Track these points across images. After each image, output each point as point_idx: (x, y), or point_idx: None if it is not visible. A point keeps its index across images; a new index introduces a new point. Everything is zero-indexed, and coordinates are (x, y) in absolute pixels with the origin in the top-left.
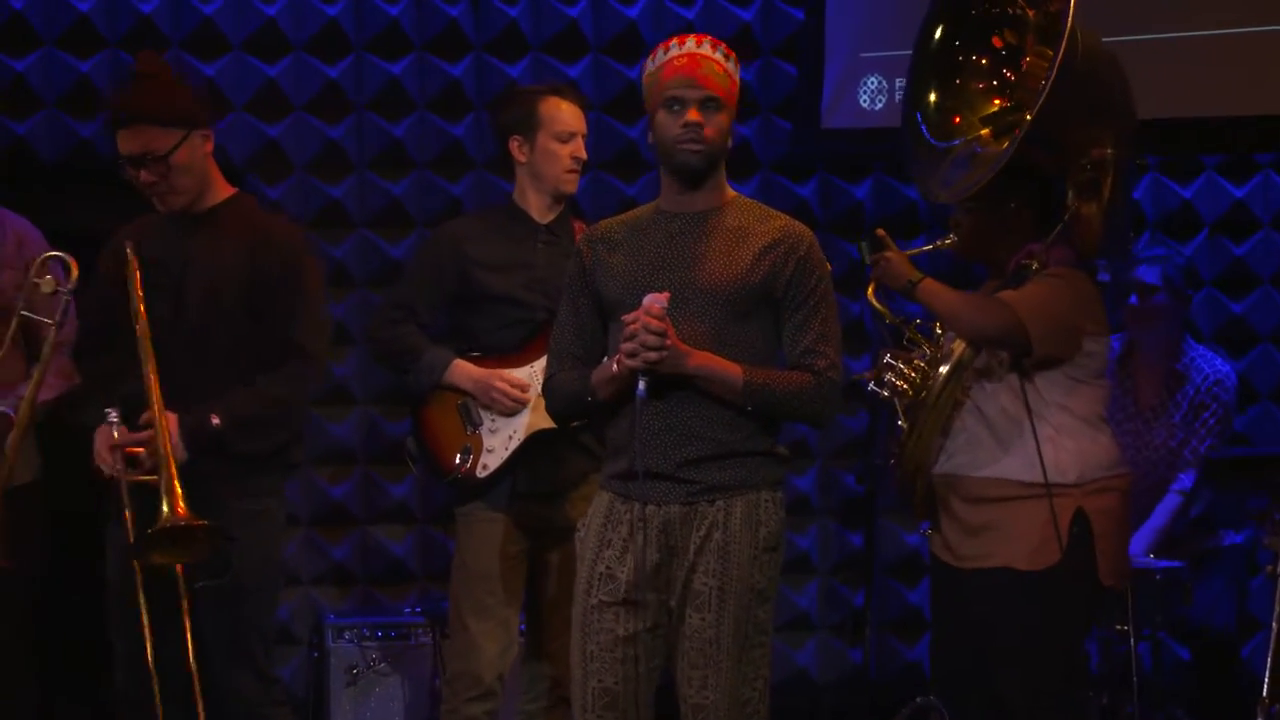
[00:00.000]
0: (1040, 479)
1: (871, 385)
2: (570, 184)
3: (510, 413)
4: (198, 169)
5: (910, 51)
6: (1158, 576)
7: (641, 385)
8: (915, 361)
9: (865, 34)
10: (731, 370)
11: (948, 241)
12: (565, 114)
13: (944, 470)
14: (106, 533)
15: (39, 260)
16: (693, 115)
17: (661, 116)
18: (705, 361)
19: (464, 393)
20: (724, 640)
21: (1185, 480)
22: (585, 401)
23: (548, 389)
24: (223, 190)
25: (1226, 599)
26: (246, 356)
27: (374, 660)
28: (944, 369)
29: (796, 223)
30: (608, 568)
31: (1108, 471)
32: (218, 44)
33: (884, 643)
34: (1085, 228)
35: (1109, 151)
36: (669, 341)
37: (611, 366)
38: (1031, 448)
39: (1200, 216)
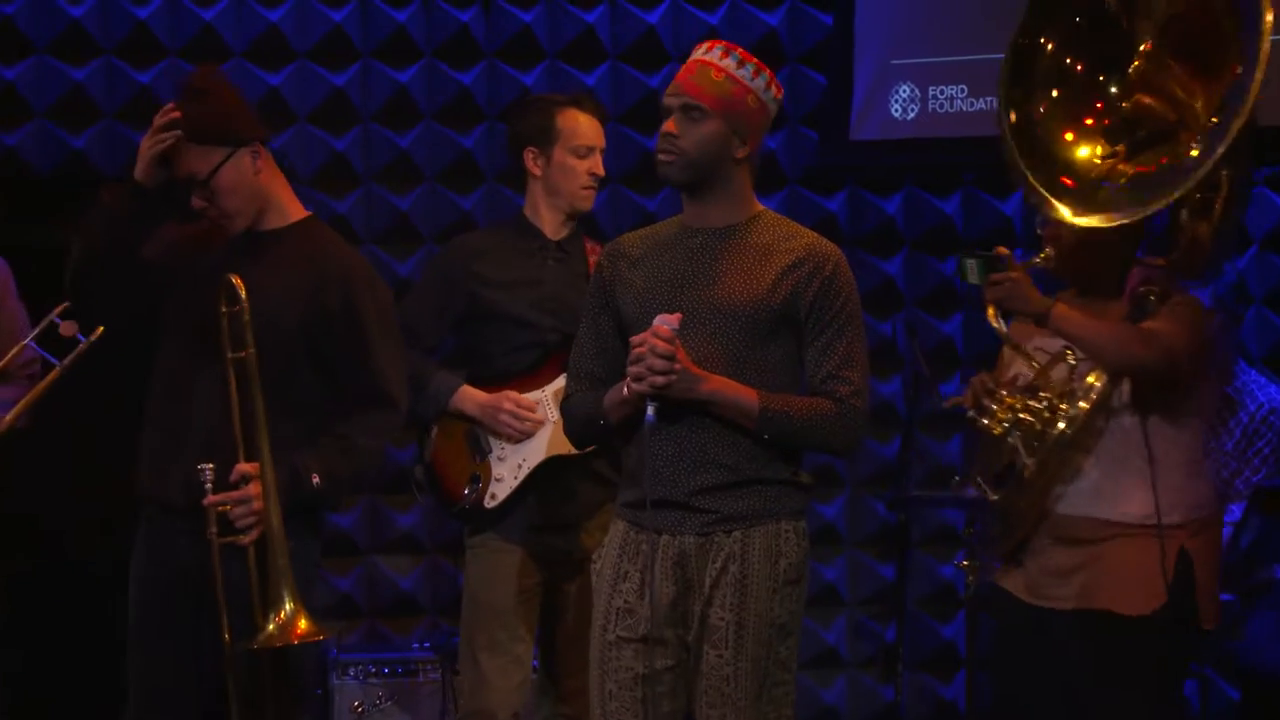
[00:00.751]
0: (1150, 518)
1: (970, 413)
2: (586, 201)
3: (519, 439)
4: (246, 190)
5: (938, 58)
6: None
7: (650, 410)
8: (1042, 393)
9: (897, 40)
10: (747, 396)
11: (1042, 258)
12: (584, 127)
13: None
14: (131, 563)
15: (62, 306)
16: (668, 125)
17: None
18: (719, 387)
19: (472, 419)
20: (742, 678)
21: (1235, 511)
22: (598, 425)
23: (565, 412)
24: (293, 212)
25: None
26: (307, 401)
27: (380, 698)
28: (1082, 403)
29: (823, 240)
30: (625, 602)
31: (1208, 510)
32: (218, 51)
33: (916, 680)
34: (1196, 250)
35: (1224, 169)
36: (678, 365)
37: (623, 389)
38: (1144, 486)
39: (1248, 231)
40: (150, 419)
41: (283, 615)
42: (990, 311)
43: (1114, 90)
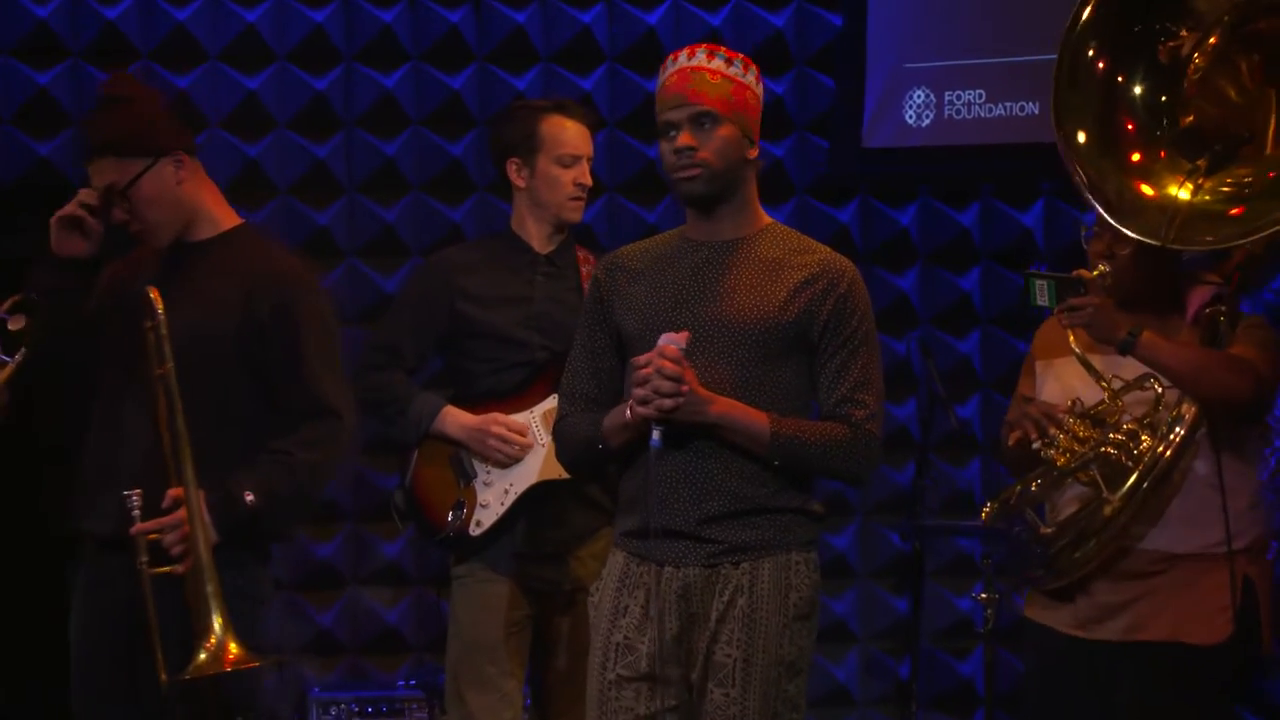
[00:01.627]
0: (1215, 546)
1: (1036, 444)
2: (574, 212)
3: (507, 463)
4: (168, 201)
5: (954, 61)
6: None
7: (655, 435)
8: (1126, 425)
9: (911, 42)
10: (757, 420)
11: (1097, 275)
12: (570, 134)
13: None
14: (73, 595)
15: (11, 301)
16: (683, 139)
17: (661, 145)
18: (729, 410)
19: (456, 443)
20: (750, 718)
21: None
22: (597, 450)
23: (558, 435)
24: (224, 220)
25: None
26: (246, 417)
27: None
28: (1175, 434)
29: (838, 256)
30: (625, 638)
31: (1265, 536)
32: (192, 54)
33: (931, 719)
34: (1253, 264)
35: None
36: (686, 387)
37: (624, 413)
38: (1212, 515)
39: None
40: (86, 451)
41: (212, 642)
42: (1071, 338)
43: (1172, 97)
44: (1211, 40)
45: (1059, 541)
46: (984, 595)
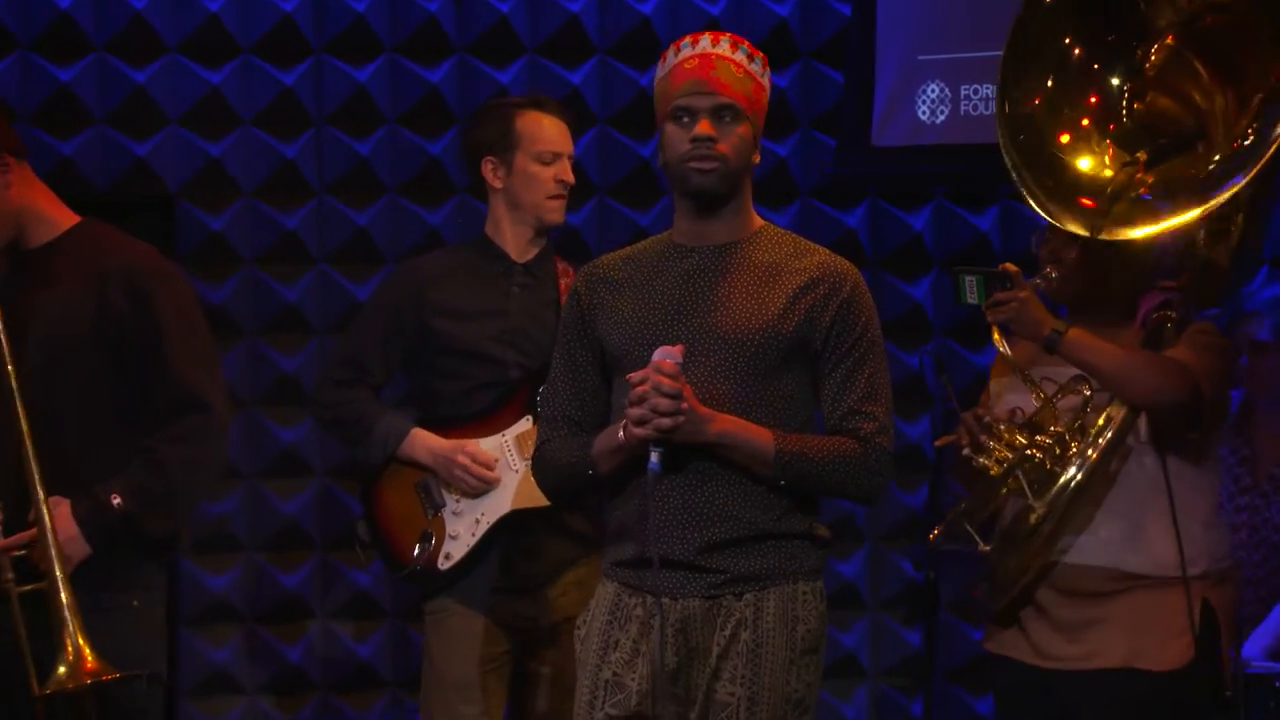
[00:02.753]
0: (1174, 568)
1: (965, 450)
2: (555, 213)
3: (476, 493)
4: None
5: (971, 53)
6: (1279, 684)
7: (654, 457)
8: (1052, 427)
9: (925, 32)
10: (761, 437)
11: (1041, 279)
12: (548, 130)
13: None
14: None
15: None
16: (703, 128)
17: (670, 131)
18: (729, 427)
19: (424, 468)
20: None
21: None
22: (586, 476)
23: (539, 461)
24: (62, 220)
25: None
26: (119, 419)
27: None
28: (1102, 439)
29: (837, 258)
30: (615, 674)
31: (1228, 559)
32: (150, 46)
33: None
34: (1213, 274)
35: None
36: (685, 405)
37: (617, 434)
38: (1165, 532)
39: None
40: None
41: (70, 654)
42: (995, 335)
43: (1124, 87)
44: (1167, 38)
45: (994, 555)
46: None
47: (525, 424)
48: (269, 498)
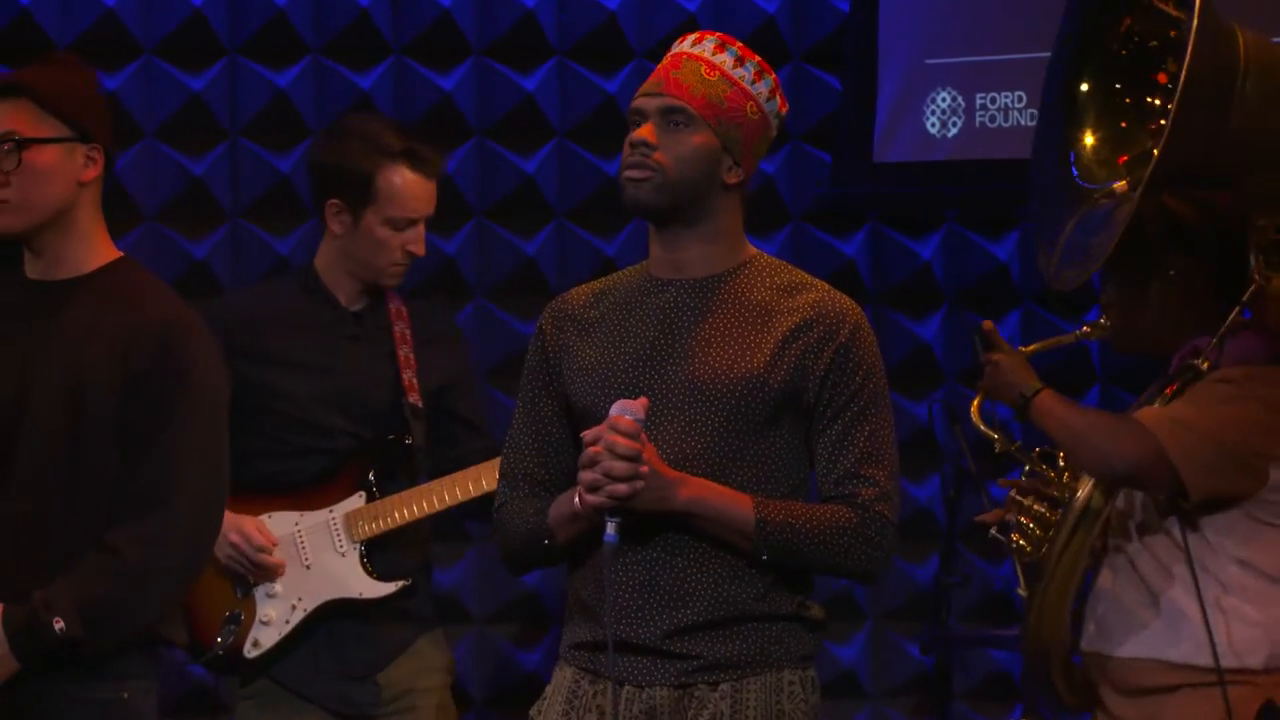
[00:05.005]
0: (1229, 658)
1: (993, 532)
2: (393, 279)
3: (258, 579)
4: (58, 188)
5: (987, 56)
6: None
7: (610, 528)
8: (1033, 506)
9: (935, 32)
10: (739, 504)
11: (1093, 328)
12: (412, 192)
13: (1090, 648)
14: None
15: None
16: (641, 131)
17: (626, 139)
18: (702, 493)
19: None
20: None
21: None
22: (543, 545)
23: (497, 525)
24: (102, 253)
25: None
26: (97, 502)
27: None
28: (1071, 513)
29: (838, 295)
30: None
31: None
32: (37, 44)
33: None
34: (1271, 306)
35: None
36: (645, 468)
37: (573, 500)
38: (1198, 619)
39: None
40: None
41: None
42: (975, 402)
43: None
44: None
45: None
46: None
47: (357, 501)
48: None
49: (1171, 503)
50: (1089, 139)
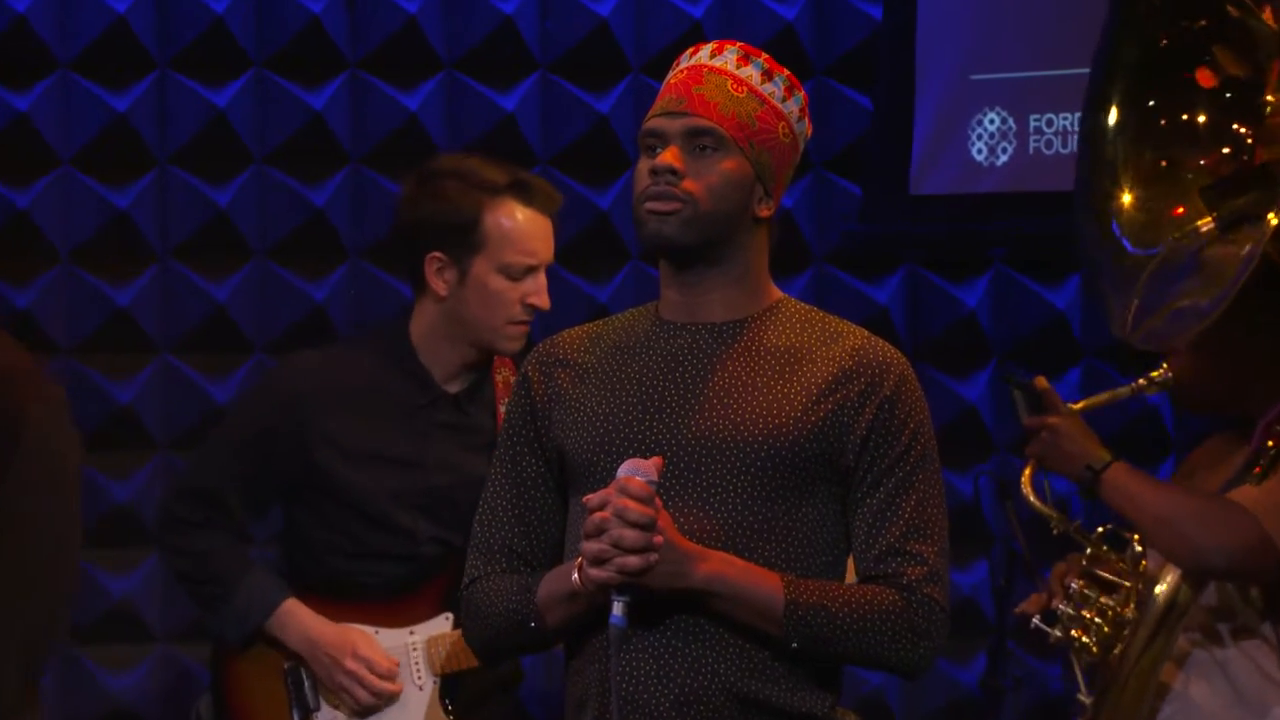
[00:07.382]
0: None
1: (1037, 621)
2: (513, 341)
3: (365, 711)
4: None
5: (1042, 71)
6: None
7: (618, 609)
8: (1098, 597)
9: (982, 43)
10: (767, 583)
11: (1154, 381)
12: (525, 231)
13: None
14: None
15: None
16: (666, 156)
17: (638, 168)
18: (723, 569)
19: (296, 655)
20: None
21: None
22: (527, 629)
23: (467, 605)
24: None
25: None
26: None
27: None
28: (1149, 616)
29: (881, 344)
30: None
31: None
32: None
33: None
34: None
35: None
36: (660, 539)
37: (570, 576)
38: None
39: None
40: None
41: None
42: (1025, 473)
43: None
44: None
45: None
46: None
47: (442, 624)
48: (92, 670)
49: (1274, 599)
50: (1126, 198)
